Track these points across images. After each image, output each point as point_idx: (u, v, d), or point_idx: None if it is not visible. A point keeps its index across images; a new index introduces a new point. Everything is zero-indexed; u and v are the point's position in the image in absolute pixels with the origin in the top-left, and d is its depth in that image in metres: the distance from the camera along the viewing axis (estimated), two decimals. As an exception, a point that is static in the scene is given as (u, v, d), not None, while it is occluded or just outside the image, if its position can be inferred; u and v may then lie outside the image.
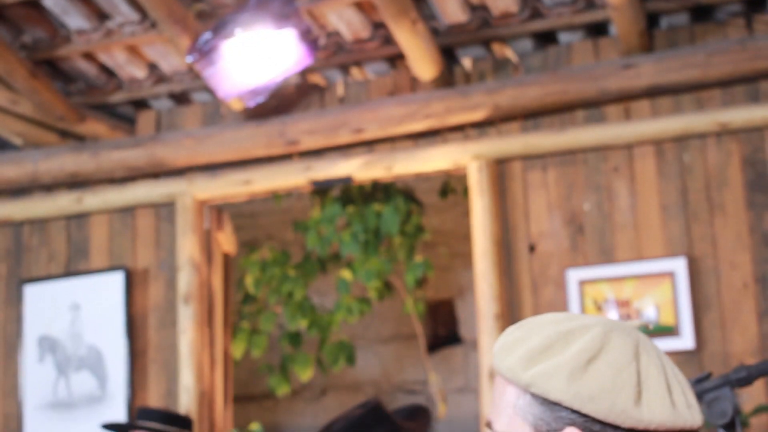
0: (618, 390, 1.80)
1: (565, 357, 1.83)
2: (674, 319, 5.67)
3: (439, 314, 9.79)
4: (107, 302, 6.62)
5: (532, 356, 1.85)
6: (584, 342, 1.85)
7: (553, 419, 1.83)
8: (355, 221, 6.98)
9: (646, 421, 1.79)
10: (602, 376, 1.81)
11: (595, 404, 1.79)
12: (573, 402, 1.80)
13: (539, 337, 1.88)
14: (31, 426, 6.67)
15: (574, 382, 1.80)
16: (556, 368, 1.82)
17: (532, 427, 1.85)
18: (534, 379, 1.83)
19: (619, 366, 1.82)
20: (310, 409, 9.89)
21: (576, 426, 1.81)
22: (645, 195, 5.89)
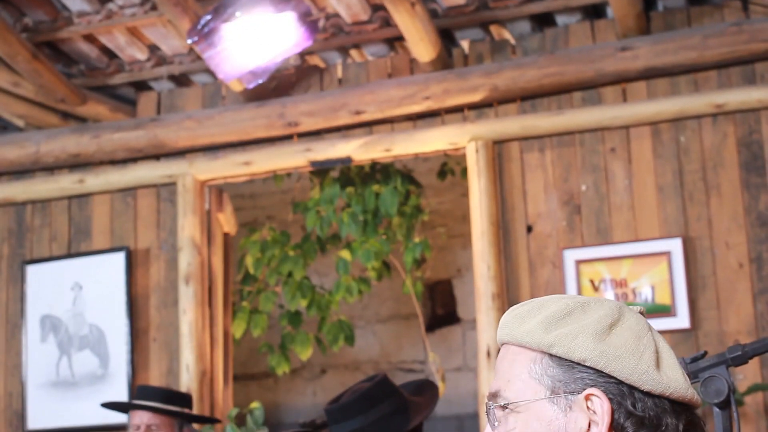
0: (641, 352, 1.85)
1: (588, 321, 1.88)
2: (670, 299, 5.71)
3: (438, 294, 9.83)
4: (109, 282, 6.67)
5: (552, 321, 1.90)
6: (603, 310, 1.90)
7: (573, 380, 1.86)
8: (354, 202, 7.01)
9: (665, 384, 1.84)
10: (626, 339, 1.87)
11: (620, 363, 1.84)
12: (599, 360, 1.84)
13: (557, 305, 1.92)
14: (33, 404, 6.72)
15: (600, 342, 1.85)
16: (581, 329, 1.87)
17: (549, 389, 1.88)
18: (558, 339, 1.87)
19: (639, 333, 1.88)
20: (310, 388, 9.94)
21: (597, 387, 1.84)
22: (641, 176, 5.93)
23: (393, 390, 4.04)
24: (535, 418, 1.89)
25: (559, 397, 1.87)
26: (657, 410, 1.85)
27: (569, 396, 1.87)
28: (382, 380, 4.04)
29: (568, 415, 1.87)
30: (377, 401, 3.95)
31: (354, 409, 3.94)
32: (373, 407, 3.94)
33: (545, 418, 1.88)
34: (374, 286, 7.71)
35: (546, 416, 1.88)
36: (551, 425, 1.87)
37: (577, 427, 1.85)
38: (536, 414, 1.89)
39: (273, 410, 9.61)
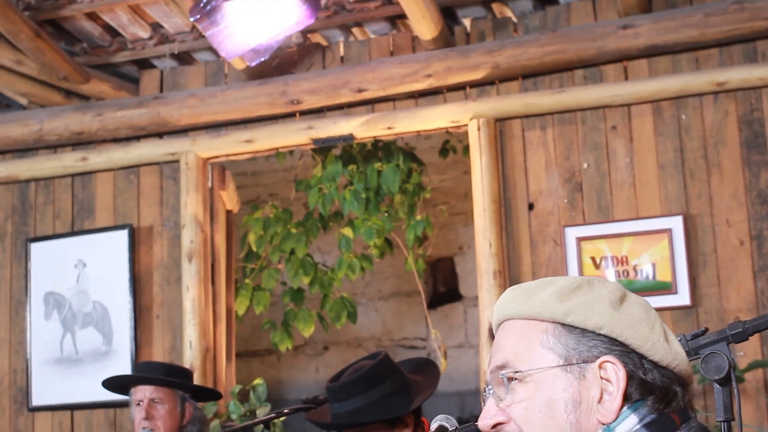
0: (652, 323, 1.91)
1: (602, 292, 1.93)
2: (671, 276, 5.73)
3: (439, 271, 9.85)
4: (112, 259, 6.69)
5: (563, 293, 1.93)
6: (609, 285, 1.96)
7: (587, 348, 1.89)
8: (356, 179, 7.01)
9: (672, 356, 1.89)
10: (638, 310, 1.92)
11: (634, 331, 1.88)
12: (615, 327, 1.88)
13: (564, 281, 1.96)
14: (37, 381, 6.75)
15: (615, 310, 1.90)
16: (597, 299, 1.91)
17: (562, 358, 1.90)
18: (574, 308, 1.90)
19: (646, 306, 1.94)
20: (313, 365, 9.98)
21: (611, 354, 1.87)
22: (642, 154, 5.94)
23: (394, 369, 4.05)
24: (546, 387, 1.91)
25: (572, 366, 1.89)
26: (664, 379, 1.89)
27: (582, 364, 1.89)
28: (384, 360, 4.04)
29: (581, 383, 1.89)
30: (378, 381, 3.96)
31: (356, 387, 3.95)
32: (374, 387, 3.95)
33: (558, 387, 1.90)
34: (376, 263, 7.72)
35: (558, 385, 1.90)
36: (565, 393, 1.89)
37: (590, 396, 1.88)
38: (548, 383, 1.91)
39: (276, 387, 9.64)
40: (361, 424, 3.96)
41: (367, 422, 3.95)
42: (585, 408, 1.88)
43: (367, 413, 3.93)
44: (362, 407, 3.93)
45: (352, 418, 3.95)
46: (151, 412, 4.97)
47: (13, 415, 6.83)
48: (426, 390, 4.07)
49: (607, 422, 1.87)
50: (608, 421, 1.87)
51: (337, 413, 3.98)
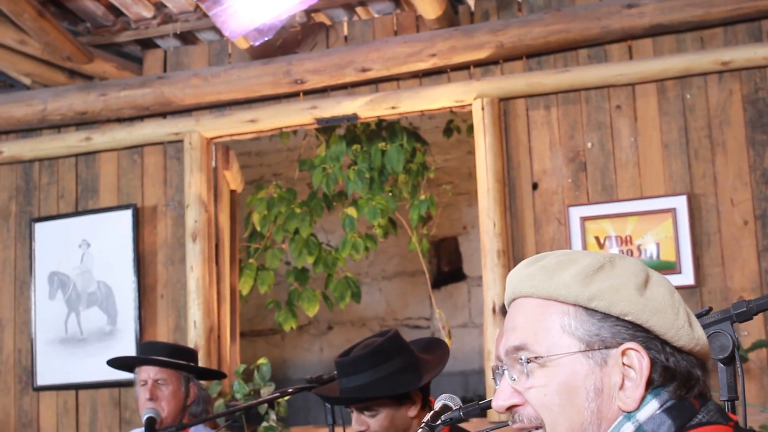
0: (677, 308, 1.87)
1: (626, 275, 1.88)
2: (675, 256, 5.73)
3: (443, 251, 9.86)
4: (116, 239, 6.70)
5: (587, 274, 1.88)
6: (632, 266, 1.91)
7: (611, 335, 1.85)
8: (360, 159, 7.01)
9: (696, 339, 1.87)
10: (663, 294, 1.88)
11: (660, 317, 1.85)
12: (641, 314, 1.84)
13: (588, 260, 1.91)
14: (42, 361, 6.77)
15: (641, 296, 1.86)
16: (622, 283, 1.86)
17: (583, 343, 1.86)
18: (600, 293, 1.85)
19: (669, 288, 1.91)
20: (317, 344, 10.00)
21: (635, 341, 1.84)
22: (647, 133, 5.93)
23: (404, 346, 4.06)
24: (567, 372, 1.87)
25: (594, 352, 1.85)
26: (687, 365, 1.87)
27: (605, 350, 1.85)
28: (394, 336, 4.05)
29: (603, 370, 1.85)
30: (388, 357, 3.97)
31: (365, 363, 3.96)
32: (384, 362, 3.96)
33: (579, 373, 1.86)
34: (380, 243, 7.72)
35: (580, 371, 1.86)
36: (587, 380, 1.86)
37: (611, 382, 1.85)
38: (568, 368, 1.87)
39: (280, 366, 9.67)
40: (369, 399, 3.97)
41: (375, 397, 3.96)
42: (606, 395, 1.85)
43: (375, 389, 3.94)
44: (370, 382, 3.95)
45: (360, 393, 3.97)
46: (155, 392, 4.98)
47: (17, 395, 6.86)
48: (435, 368, 4.08)
49: (630, 410, 1.84)
50: (631, 409, 1.84)
51: (346, 388, 4.00)
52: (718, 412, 1.87)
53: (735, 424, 1.86)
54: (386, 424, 4.01)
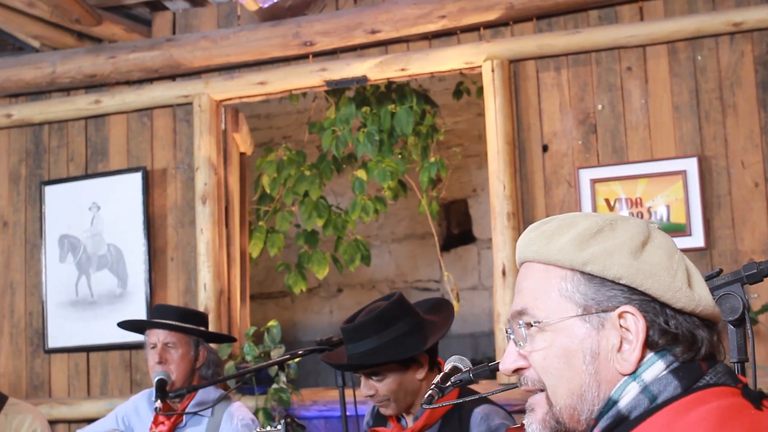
0: (674, 270, 1.87)
1: (622, 238, 1.89)
2: (685, 218, 5.72)
3: (453, 213, 9.86)
4: (126, 202, 6.71)
5: (584, 238, 1.90)
6: (633, 228, 1.91)
7: (606, 298, 1.87)
8: (370, 121, 7.00)
9: (696, 301, 1.86)
10: (659, 257, 1.88)
11: (655, 281, 1.85)
12: (635, 278, 1.85)
13: (586, 223, 1.93)
14: (53, 324, 6.79)
15: (635, 259, 1.86)
16: (616, 246, 1.87)
17: (580, 307, 1.89)
18: (593, 257, 1.87)
19: (669, 250, 1.90)
20: (327, 307, 10.02)
21: (631, 304, 1.85)
22: (658, 95, 5.91)
23: (409, 310, 4.07)
24: (565, 336, 1.90)
25: (591, 315, 1.88)
26: (689, 326, 1.87)
27: (602, 314, 1.88)
28: (398, 300, 4.06)
29: (600, 333, 1.88)
30: (393, 321, 3.98)
31: (370, 328, 3.97)
32: (388, 327, 3.97)
33: (576, 337, 1.89)
34: (390, 205, 7.72)
35: (577, 334, 1.89)
36: (583, 343, 1.89)
37: (609, 345, 1.87)
38: (567, 332, 1.90)
39: (290, 329, 9.70)
40: (376, 364, 3.99)
41: (382, 362, 3.98)
42: (604, 358, 1.88)
43: (381, 353, 3.96)
44: (376, 348, 3.96)
45: (366, 358, 3.98)
46: (165, 356, 5.00)
47: (29, 357, 6.89)
48: (440, 329, 4.09)
49: (627, 372, 1.86)
50: (627, 371, 1.86)
51: (352, 354, 4.01)
52: (726, 373, 1.87)
53: (744, 386, 1.86)
54: (394, 388, 4.03)
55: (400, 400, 4.06)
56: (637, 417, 1.82)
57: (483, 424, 3.92)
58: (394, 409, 4.08)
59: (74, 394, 6.78)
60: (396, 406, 4.07)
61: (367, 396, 4.10)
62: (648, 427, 1.79)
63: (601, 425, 1.85)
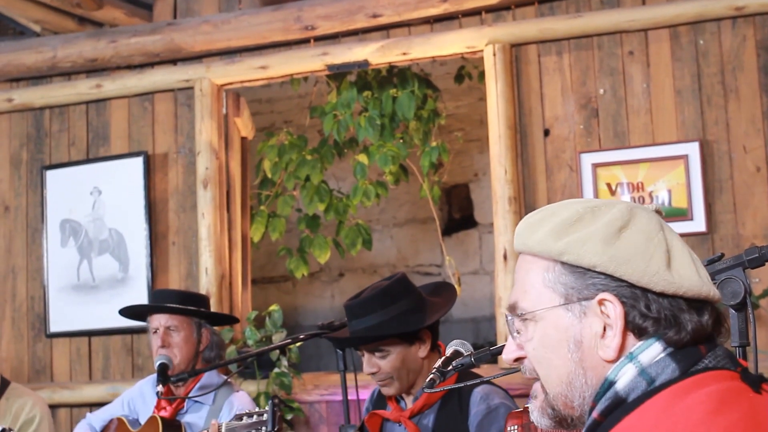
0: (651, 253, 1.86)
1: (597, 226, 1.89)
2: (687, 203, 5.72)
3: (454, 198, 9.86)
4: (128, 187, 6.71)
5: (562, 228, 1.91)
6: (613, 214, 1.91)
7: (585, 286, 1.89)
8: (371, 106, 6.99)
9: (677, 284, 1.85)
10: (635, 241, 1.87)
11: (630, 266, 1.85)
12: (609, 265, 1.86)
13: (566, 212, 1.94)
14: (55, 308, 6.80)
15: (609, 246, 1.86)
16: (590, 235, 1.88)
17: (562, 297, 1.91)
18: (568, 246, 1.89)
19: (649, 233, 1.89)
20: (328, 291, 10.03)
21: (609, 291, 1.86)
22: (659, 79, 5.90)
23: (411, 288, 4.10)
24: (552, 325, 1.93)
25: (573, 304, 1.90)
26: (673, 309, 1.86)
27: (583, 302, 1.89)
28: (401, 278, 4.09)
29: (583, 321, 1.90)
30: (396, 298, 4.01)
31: (373, 305, 4.00)
32: (391, 304, 4.00)
33: (562, 326, 1.92)
34: (391, 190, 7.72)
35: (562, 323, 1.92)
36: (568, 332, 1.91)
37: (592, 332, 1.89)
38: (552, 322, 1.93)
39: (291, 313, 9.70)
40: (378, 338, 4.01)
41: (384, 337, 4.00)
42: (587, 346, 1.90)
43: (383, 328, 3.98)
44: (379, 323, 3.99)
45: (369, 333, 4.00)
46: (167, 339, 4.99)
47: (31, 342, 6.90)
48: (442, 308, 4.12)
49: (610, 359, 1.87)
50: (610, 358, 1.87)
51: (355, 329, 4.04)
52: (726, 357, 1.87)
53: (743, 370, 1.86)
54: (397, 365, 4.04)
55: (403, 378, 4.07)
56: (635, 399, 1.82)
57: (482, 403, 3.95)
58: (396, 388, 4.10)
59: (76, 379, 6.79)
60: (398, 385, 4.09)
61: (369, 374, 4.12)
62: (646, 410, 1.79)
63: (600, 407, 1.86)
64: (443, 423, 4.03)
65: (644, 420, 1.78)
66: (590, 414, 1.88)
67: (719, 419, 1.72)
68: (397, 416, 4.11)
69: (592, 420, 1.87)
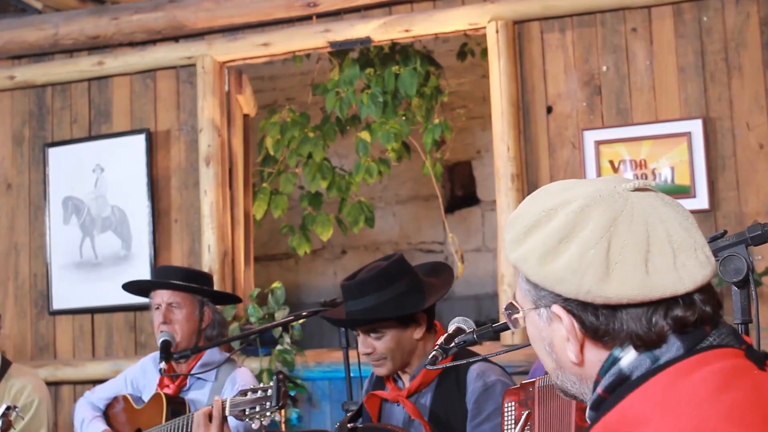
0: (583, 270, 1.82)
1: (539, 238, 1.87)
2: (689, 180, 5.71)
3: (457, 175, 9.85)
4: (130, 164, 6.70)
5: (518, 237, 1.92)
6: (558, 222, 1.87)
7: (539, 297, 1.92)
8: (373, 83, 6.98)
9: (615, 298, 1.81)
10: (570, 257, 1.84)
11: (563, 286, 1.84)
12: (545, 284, 1.87)
13: (525, 219, 1.93)
14: (58, 285, 6.81)
15: (543, 266, 1.86)
16: (531, 251, 1.88)
17: (532, 303, 1.94)
18: (517, 261, 1.91)
19: (587, 244, 1.83)
20: (331, 269, 10.03)
21: (558, 304, 1.88)
22: (662, 56, 5.89)
23: (408, 270, 4.09)
24: (531, 326, 1.98)
25: (540, 309, 1.93)
26: (624, 318, 1.83)
27: (545, 310, 1.92)
28: (399, 260, 4.08)
29: (551, 326, 1.93)
30: (393, 280, 4.00)
31: (370, 285, 3.99)
32: (388, 285, 3.99)
33: (537, 327, 1.97)
34: (394, 167, 7.72)
35: (537, 325, 1.96)
36: (542, 333, 1.96)
37: (559, 336, 1.91)
38: (531, 323, 1.98)
39: (294, 290, 9.71)
40: (374, 320, 4.01)
41: (380, 319, 4.00)
42: (559, 348, 1.93)
43: (380, 310, 3.98)
44: (376, 305, 3.99)
45: (365, 315, 4.00)
46: (169, 316, 4.99)
47: (34, 319, 6.91)
48: (439, 290, 4.12)
49: (576, 363, 1.90)
50: (577, 362, 1.90)
51: (351, 311, 4.04)
52: (730, 334, 1.87)
53: (748, 347, 1.86)
54: (392, 346, 4.05)
55: (397, 359, 4.08)
56: (639, 377, 1.82)
57: (479, 380, 3.95)
58: (389, 368, 4.11)
59: (79, 356, 6.80)
60: (392, 365, 4.09)
61: (364, 354, 4.13)
62: (650, 387, 1.79)
63: (604, 383, 1.86)
64: (441, 401, 4.04)
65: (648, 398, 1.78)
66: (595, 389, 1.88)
67: (724, 397, 1.72)
68: (395, 396, 4.11)
69: (597, 396, 1.87)
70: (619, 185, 1.90)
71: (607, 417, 1.81)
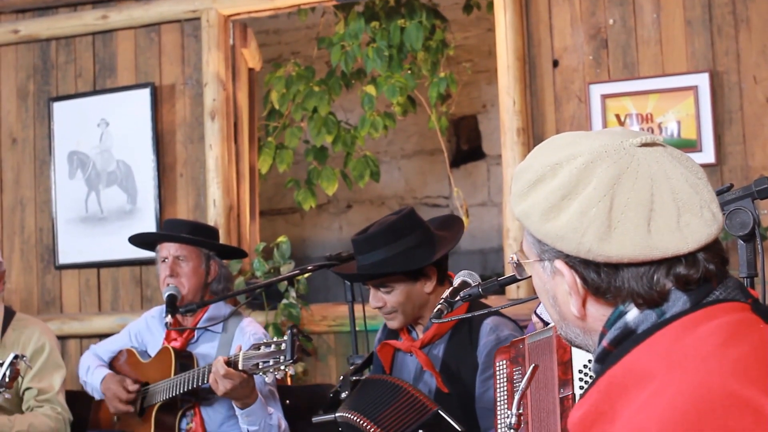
0: (584, 229, 1.81)
1: (543, 194, 1.87)
2: (696, 134, 5.70)
3: (463, 129, 9.83)
4: (135, 118, 6.69)
5: (522, 191, 1.91)
6: (561, 178, 1.86)
7: (543, 251, 1.92)
8: (379, 36, 6.95)
9: (615, 257, 1.80)
10: (571, 215, 1.83)
11: (564, 243, 1.84)
12: (547, 240, 1.87)
13: (531, 170, 1.91)
14: (63, 240, 6.81)
15: (545, 223, 1.86)
16: (534, 206, 1.87)
17: (536, 255, 1.95)
18: (521, 216, 1.90)
19: (589, 203, 1.82)
20: (336, 223, 10.03)
21: (560, 259, 1.88)
22: (670, 9, 5.85)
23: (419, 223, 4.10)
24: (536, 276, 1.99)
25: (544, 262, 1.94)
26: (626, 276, 1.84)
27: (548, 263, 1.92)
28: (409, 213, 4.09)
29: (555, 279, 1.93)
30: (403, 233, 4.01)
31: (380, 240, 4.01)
32: (399, 239, 4.01)
33: (541, 279, 1.97)
34: (399, 121, 7.70)
35: (541, 277, 1.97)
36: (546, 285, 1.96)
37: (562, 290, 1.92)
38: (536, 273, 1.99)
39: (299, 244, 9.72)
40: (385, 274, 4.03)
41: (390, 273, 4.02)
42: (562, 301, 1.94)
43: (390, 264, 4.00)
44: (386, 259, 4.00)
45: (375, 269, 4.02)
46: (176, 269, 5.01)
47: (40, 273, 6.92)
48: (449, 243, 4.13)
49: (579, 317, 1.90)
50: (579, 316, 1.90)
51: (362, 265, 4.06)
52: (737, 288, 1.86)
53: (754, 301, 1.86)
54: (402, 300, 4.07)
55: (408, 313, 4.10)
56: (645, 331, 1.82)
57: (492, 334, 3.97)
58: (400, 321, 4.13)
59: (85, 310, 6.82)
60: (403, 319, 4.12)
61: (375, 307, 4.15)
62: (655, 341, 1.79)
63: (610, 335, 1.86)
64: (453, 353, 4.06)
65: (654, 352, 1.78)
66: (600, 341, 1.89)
67: (730, 351, 1.72)
68: (408, 346, 4.14)
69: (602, 348, 1.87)
70: (626, 140, 1.87)
71: (612, 370, 1.81)
